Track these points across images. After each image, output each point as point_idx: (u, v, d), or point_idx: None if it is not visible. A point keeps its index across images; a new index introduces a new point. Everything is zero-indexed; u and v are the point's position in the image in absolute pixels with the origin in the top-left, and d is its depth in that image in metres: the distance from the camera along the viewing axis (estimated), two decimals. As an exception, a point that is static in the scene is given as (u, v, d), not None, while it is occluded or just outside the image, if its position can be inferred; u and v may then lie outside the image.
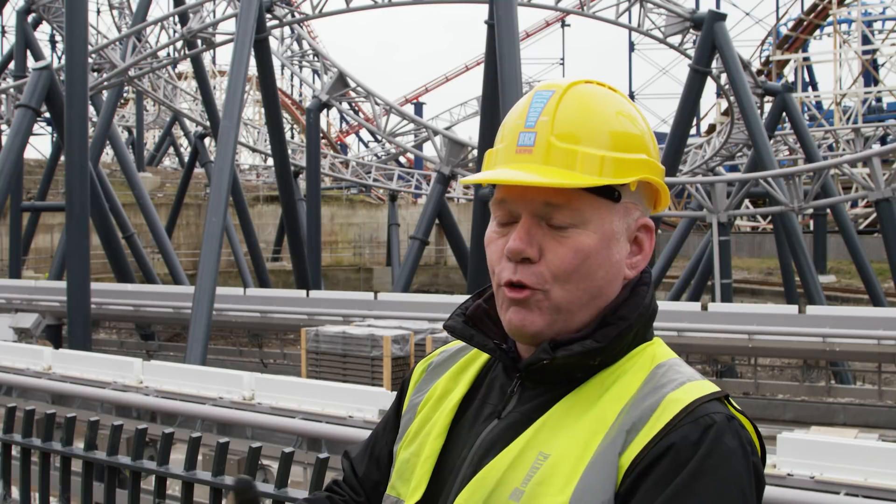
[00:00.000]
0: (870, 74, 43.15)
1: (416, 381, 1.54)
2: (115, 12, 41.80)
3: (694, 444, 1.20)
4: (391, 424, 1.55)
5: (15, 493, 3.89)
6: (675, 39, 21.56)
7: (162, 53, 24.04)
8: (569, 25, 53.95)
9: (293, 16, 22.82)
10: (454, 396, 1.44)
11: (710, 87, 24.47)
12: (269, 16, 20.61)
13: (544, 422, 1.30)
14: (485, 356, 1.47)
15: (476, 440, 1.36)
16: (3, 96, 24.10)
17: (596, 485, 1.22)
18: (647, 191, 1.37)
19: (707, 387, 1.28)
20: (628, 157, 1.31)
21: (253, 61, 18.78)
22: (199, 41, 22.62)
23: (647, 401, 1.26)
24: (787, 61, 44.36)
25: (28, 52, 23.31)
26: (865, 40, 43.14)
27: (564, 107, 1.32)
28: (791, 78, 42.86)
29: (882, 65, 44.85)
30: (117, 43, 23.39)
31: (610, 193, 1.31)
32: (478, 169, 18.67)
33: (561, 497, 1.22)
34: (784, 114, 24.44)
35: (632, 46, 49.78)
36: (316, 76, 31.03)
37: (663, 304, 12.69)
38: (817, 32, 45.95)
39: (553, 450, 1.27)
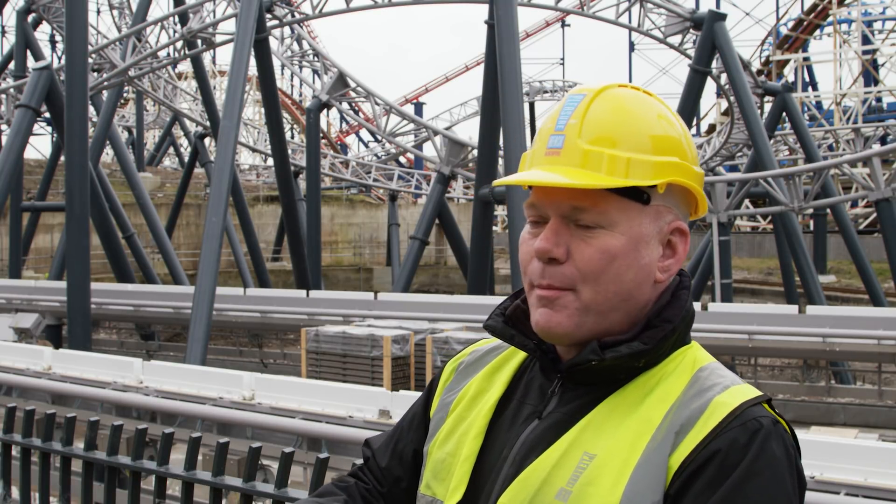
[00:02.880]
0: (870, 74, 43.16)
1: (446, 380, 1.55)
2: (115, 12, 41.81)
3: (743, 447, 1.23)
4: (418, 422, 1.55)
5: (15, 493, 3.89)
6: (675, 39, 21.56)
7: (162, 53, 24.04)
8: (569, 25, 54.01)
9: (293, 16, 22.81)
10: (491, 396, 1.45)
11: (710, 87, 24.50)
12: (269, 16, 20.62)
13: (588, 422, 1.31)
14: (519, 356, 1.48)
15: (517, 440, 1.36)
16: (3, 96, 24.10)
17: (646, 485, 1.23)
18: (681, 195, 1.37)
19: (750, 391, 1.30)
20: (657, 159, 1.32)
21: (253, 61, 18.78)
22: (199, 41, 22.61)
23: (693, 403, 1.28)
24: (787, 61, 44.37)
25: (28, 52, 23.31)
26: (865, 40, 43.15)
27: (594, 110, 1.33)
28: (791, 78, 42.89)
29: (882, 65, 44.87)
30: (117, 43, 23.39)
31: (638, 195, 1.32)
32: (477, 174, 18.60)
33: (611, 497, 1.24)
34: (784, 114, 24.46)
35: (632, 46, 49.80)
36: (316, 76, 31.04)
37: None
38: (817, 32, 45.97)
39: (599, 450, 1.28)
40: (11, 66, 25.17)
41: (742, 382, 1.32)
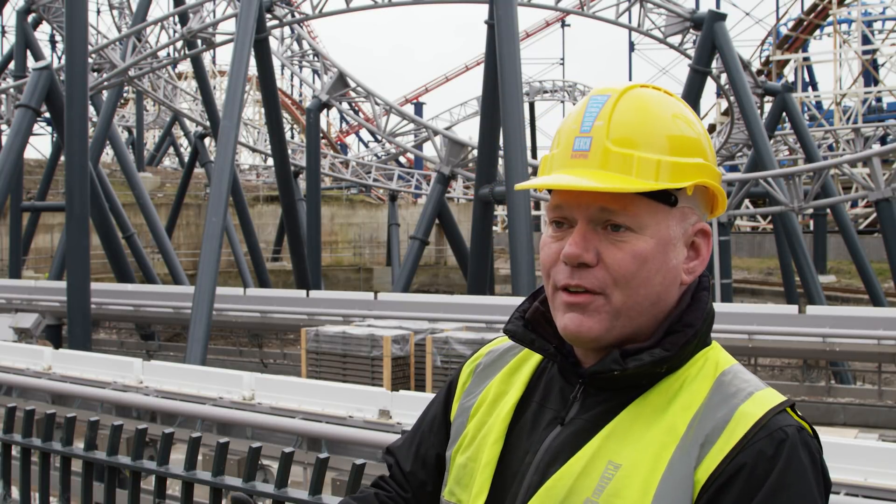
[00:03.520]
0: (870, 74, 43.15)
1: (464, 383, 1.53)
2: (115, 12, 41.79)
3: (770, 458, 1.22)
4: (439, 426, 1.54)
5: (15, 493, 3.89)
6: (675, 39, 21.56)
7: (162, 53, 24.04)
8: (569, 25, 54.00)
9: (293, 16, 22.81)
10: (509, 400, 1.43)
11: (710, 87, 24.50)
12: (269, 16, 20.61)
13: (612, 430, 1.30)
14: (537, 356, 1.47)
15: (540, 447, 1.35)
16: (3, 96, 24.09)
17: (672, 499, 1.23)
18: (703, 195, 1.37)
19: (773, 397, 1.29)
20: (685, 161, 1.31)
21: (253, 61, 18.78)
22: (199, 41, 22.62)
23: (718, 412, 1.26)
24: (787, 61, 44.37)
25: (28, 52, 23.30)
26: (865, 40, 43.15)
27: (620, 111, 1.31)
28: (791, 78, 42.87)
29: (882, 65, 44.86)
30: (117, 43, 23.38)
31: (666, 198, 1.31)
32: (477, 174, 18.57)
33: None
34: (784, 114, 24.46)
35: (632, 46, 49.79)
36: (316, 76, 31.04)
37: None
38: (817, 32, 45.96)
39: (624, 459, 1.26)
40: (11, 66, 25.17)
41: (765, 387, 1.31)
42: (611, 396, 1.33)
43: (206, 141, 32.24)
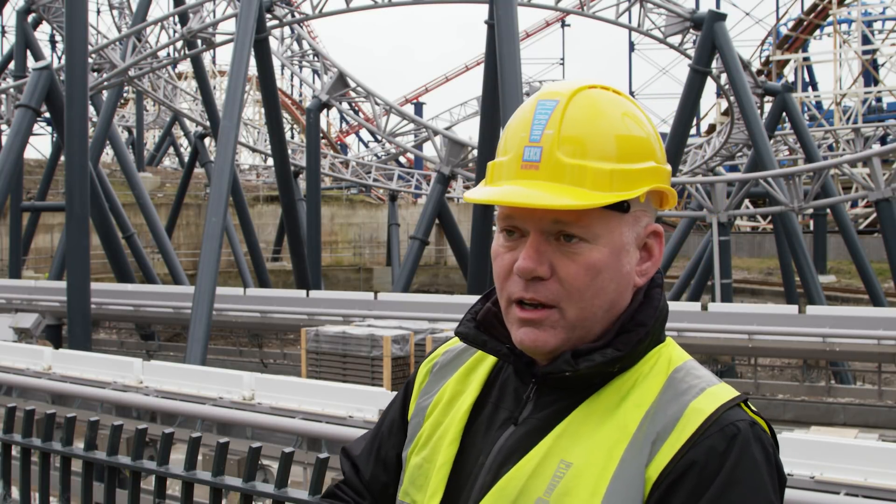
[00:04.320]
0: (870, 74, 43.15)
1: (420, 383, 1.52)
2: (115, 12, 41.79)
3: (721, 454, 1.21)
4: (397, 427, 1.53)
5: (15, 493, 3.89)
6: (675, 39, 21.56)
7: (162, 53, 24.05)
8: (569, 25, 54.02)
9: (293, 16, 22.81)
10: (465, 400, 1.42)
11: (710, 87, 24.50)
12: (269, 16, 20.61)
13: (564, 428, 1.30)
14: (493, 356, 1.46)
15: (493, 447, 1.34)
16: (3, 96, 24.09)
17: (623, 497, 1.22)
18: (654, 195, 1.35)
19: (726, 392, 1.28)
20: (637, 167, 1.29)
21: (253, 61, 18.78)
22: (199, 41, 22.62)
23: (669, 409, 1.26)
24: (787, 61, 44.36)
25: (28, 52, 23.31)
26: (865, 40, 43.14)
27: (570, 117, 1.28)
28: (791, 78, 42.87)
29: (882, 65, 44.85)
30: (117, 43, 23.39)
31: (619, 206, 1.29)
32: (477, 174, 18.57)
33: None
34: (784, 114, 24.45)
35: (632, 46, 49.79)
36: (316, 76, 31.04)
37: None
38: (817, 32, 45.96)
39: (575, 458, 1.26)
40: (11, 66, 25.16)
41: (718, 382, 1.31)
42: (564, 396, 1.33)
43: (206, 141, 32.24)
